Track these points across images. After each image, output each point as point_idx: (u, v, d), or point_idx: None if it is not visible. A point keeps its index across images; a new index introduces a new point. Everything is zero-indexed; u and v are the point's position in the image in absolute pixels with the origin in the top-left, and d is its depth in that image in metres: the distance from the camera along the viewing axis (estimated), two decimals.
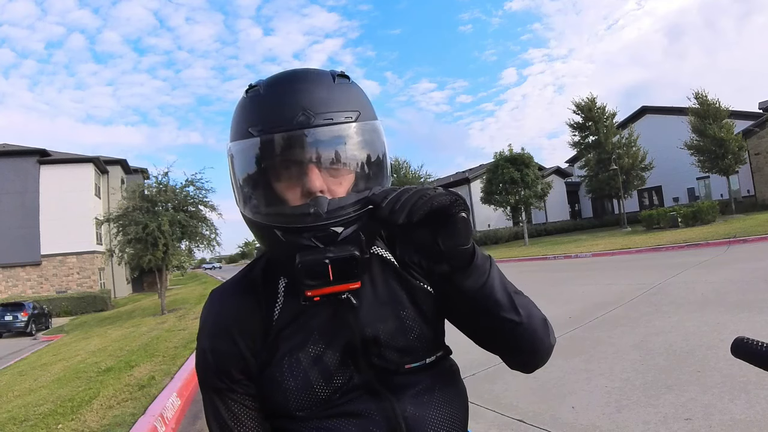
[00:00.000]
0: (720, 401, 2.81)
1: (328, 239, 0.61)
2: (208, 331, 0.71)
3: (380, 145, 0.67)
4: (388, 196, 0.59)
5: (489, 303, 0.65)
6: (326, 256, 0.58)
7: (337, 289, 0.60)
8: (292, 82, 0.64)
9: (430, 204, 0.56)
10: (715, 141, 20.99)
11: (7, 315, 16.23)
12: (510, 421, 3.07)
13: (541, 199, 24.88)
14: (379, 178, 0.67)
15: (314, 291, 0.59)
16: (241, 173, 0.65)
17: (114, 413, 3.99)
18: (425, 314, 0.74)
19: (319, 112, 0.61)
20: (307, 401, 0.67)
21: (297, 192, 0.63)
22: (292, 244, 0.61)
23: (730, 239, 11.61)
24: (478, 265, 0.64)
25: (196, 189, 13.46)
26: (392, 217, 0.56)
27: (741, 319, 4.50)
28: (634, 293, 6.69)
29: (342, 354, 0.68)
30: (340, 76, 0.67)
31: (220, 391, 0.70)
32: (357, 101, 0.66)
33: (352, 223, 0.62)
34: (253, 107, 0.64)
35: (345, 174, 0.65)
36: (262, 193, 0.65)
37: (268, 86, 0.65)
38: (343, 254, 0.59)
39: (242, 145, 0.64)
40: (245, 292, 0.72)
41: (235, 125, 0.66)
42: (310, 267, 0.58)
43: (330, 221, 0.61)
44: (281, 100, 0.63)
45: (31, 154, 24.57)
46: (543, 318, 0.72)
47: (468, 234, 0.60)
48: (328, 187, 0.63)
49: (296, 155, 0.62)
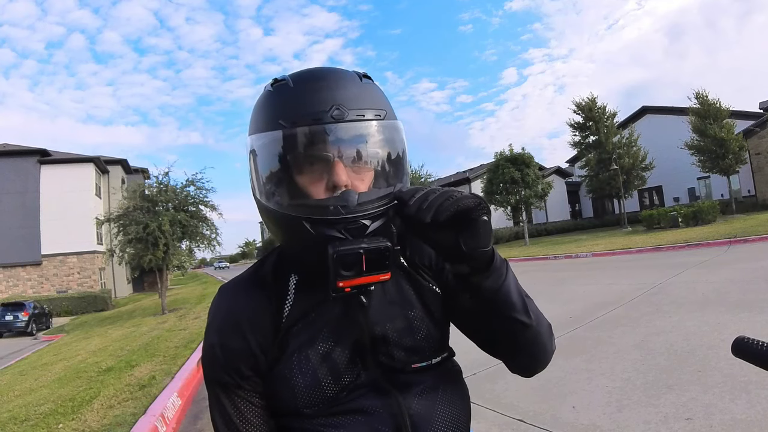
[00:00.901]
0: (721, 401, 2.80)
1: (358, 232, 0.61)
2: (218, 327, 0.71)
3: (402, 144, 0.69)
4: (415, 195, 0.60)
5: (505, 304, 0.66)
6: (360, 246, 0.59)
7: (369, 280, 0.61)
8: (323, 78, 0.65)
9: (456, 205, 0.57)
10: (715, 141, 20.97)
11: (8, 315, 16.24)
12: (511, 420, 3.07)
13: (541, 199, 24.86)
14: (400, 176, 0.68)
15: (346, 282, 0.59)
16: (267, 165, 0.65)
17: (115, 413, 4.00)
18: (433, 315, 0.75)
19: (352, 108, 0.62)
20: (315, 398, 0.67)
21: (321, 186, 0.63)
22: (322, 236, 0.61)
23: (730, 239, 11.60)
24: (497, 267, 0.65)
25: (196, 189, 13.50)
26: (419, 215, 0.58)
27: (741, 319, 4.50)
28: (635, 293, 6.69)
29: (351, 352, 0.69)
30: (365, 76, 0.69)
31: (226, 388, 0.69)
32: (383, 101, 0.68)
33: (380, 217, 0.63)
34: (283, 99, 0.64)
35: (368, 170, 0.66)
36: (288, 184, 0.64)
37: (297, 80, 0.66)
38: (377, 245, 0.60)
39: (270, 137, 0.63)
40: (255, 289, 0.72)
41: (262, 117, 0.66)
42: (344, 256, 0.58)
43: (360, 214, 0.62)
44: (314, 93, 0.63)
45: (31, 154, 24.57)
46: (549, 324, 0.74)
47: (489, 236, 0.61)
48: (352, 182, 0.64)
49: (326, 149, 0.62)
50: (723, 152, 21.06)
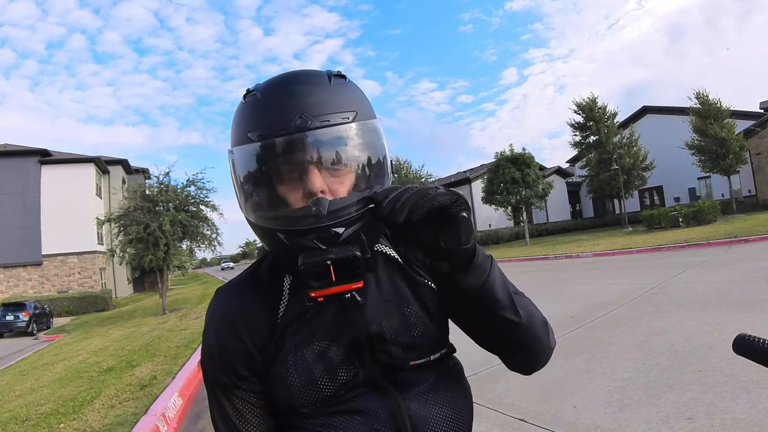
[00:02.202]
0: (722, 401, 2.81)
1: (330, 240, 0.61)
2: (215, 328, 0.71)
3: (379, 143, 0.68)
4: (389, 195, 0.59)
5: (489, 302, 0.65)
6: (327, 257, 0.59)
7: (341, 290, 0.60)
8: (288, 86, 0.65)
9: (430, 203, 0.57)
10: (716, 141, 20.97)
11: (9, 315, 16.26)
12: (512, 420, 3.07)
13: (542, 199, 24.85)
14: (380, 177, 0.68)
15: (318, 292, 0.60)
16: (243, 178, 0.66)
17: (116, 413, 4.00)
18: (429, 311, 0.74)
19: (316, 114, 0.62)
20: (312, 397, 0.67)
21: (299, 194, 0.64)
22: (295, 246, 0.62)
23: (731, 239, 11.59)
24: (479, 264, 0.64)
25: (197, 189, 13.53)
26: (393, 215, 0.57)
27: (742, 319, 4.50)
28: (636, 293, 6.69)
29: (347, 350, 0.69)
30: (336, 76, 0.68)
31: (225, 388, 0.70)
32: (354, 101, 0.67)
33: (354, 222, 0.63)
34: (251, 112, 0.65)
35: (346, 173, 0.65)
36: (264, 196, 0.66)
37: (264, 91, 0.66)
38: (345, 255, 0.59)
39: (242, 150, 0.65)
40: (251, 290, 0.73)
41: (235, 130, 0.67)
42: (313, 268, 0.59)
43: (331, 222, 0.61)
44: (278, 104, 0.63)
45: (32, 154, 24.59)
46: (544, 320, 0.73)
47: (469, 233, 0.60)
48: (330, 186, 0.64)
49: (295, 158, 0.63)
50: (723, 152, 21.05)
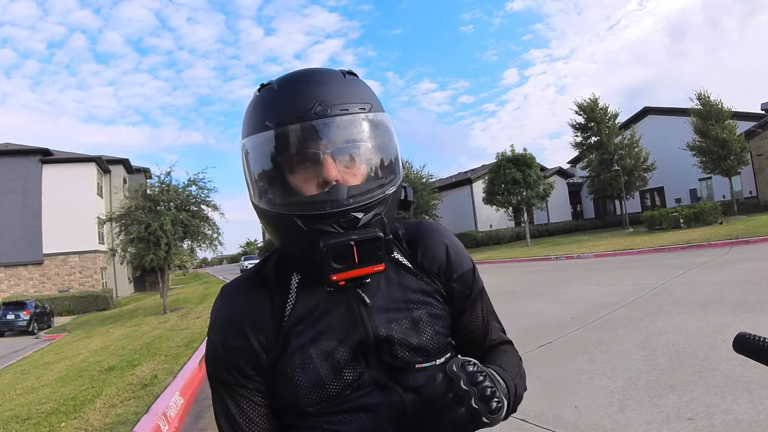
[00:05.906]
0: (723, 401, 2.80)
1: (350, 225, 0.62)
2: (220, 326, 0.71)
3: (391, 136, 0.69)
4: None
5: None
6: (351, 238, 0.60)
7: (363, 272, 0.61)
8: (306, 78, 0.66)
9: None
10: (717, 142, 20.91)
11: (10, 314, 16.30)
12: (512, 420, 3.06)
13: (543, 200, 24.83)
14: (392, 168, 0.69)
15: (340, 275, 0.60)
16: (258, 166, 0.66)
17: (117, 412, 4.01)
18: (438, 317, 0.75)
19: (335, 103, 0.63)
20: (317, 397, 0.67)
21: (313, 183, 0.64)
22: (314, 232, 0.62)
23: (732, 240, 11.58)
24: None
25: (198, 188, 13.52)
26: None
27: (743, 320, 4.49)
28: (637, 294, 6.68)
29: (353, 351, 0.69)
30: (349, 73, 0.70)
31: (229, 387, 0.70)
32: (368, 95, 0.69)
33: (373, 208, 0.64)
34: (270, 102, 0.66)
35: (359, 164, 0.66)
36: (279, 184, 0.66)
37: (282, 83, 0.67)
38: (368, 235, 0.60)
39: (259, 138, 0.65)
40: (257, 288, 0.72)
41: (251, 121, 0.67)
42: (335, 249, 0.59)
43: (351, 206, 0.62)
44: (297, 93, 0.64)
45: (33, 153, 24.61)
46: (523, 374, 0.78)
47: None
48: (343, 177, 0.64)
49: (313, 145, 0.63)
50: (725, 153, 20.99)
